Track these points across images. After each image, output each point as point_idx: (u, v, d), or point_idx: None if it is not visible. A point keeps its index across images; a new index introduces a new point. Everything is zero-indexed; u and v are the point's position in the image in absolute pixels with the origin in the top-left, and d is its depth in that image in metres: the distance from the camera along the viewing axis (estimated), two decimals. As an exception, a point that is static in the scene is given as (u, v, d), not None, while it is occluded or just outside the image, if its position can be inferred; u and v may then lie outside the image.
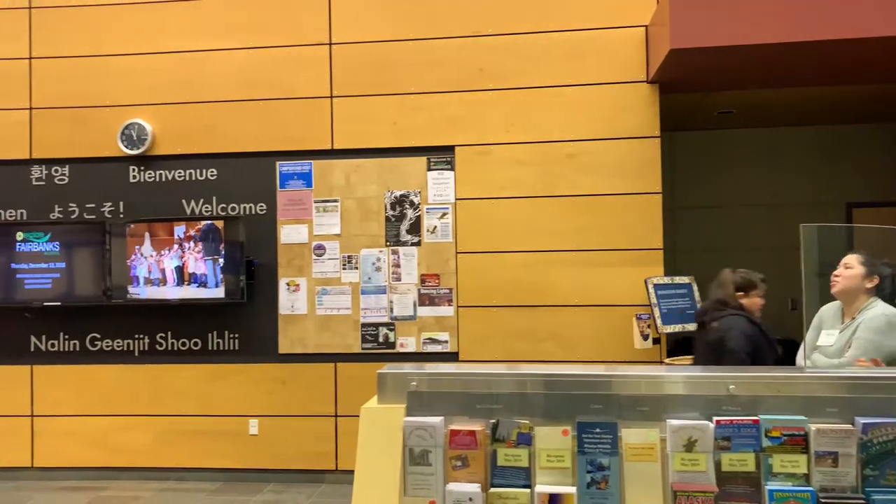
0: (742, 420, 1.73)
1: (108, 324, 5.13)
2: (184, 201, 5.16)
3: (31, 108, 5.18)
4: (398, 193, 5.09)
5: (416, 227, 5.06)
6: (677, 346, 5.08)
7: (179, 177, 5.17)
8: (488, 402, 1.86)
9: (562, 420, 1.81)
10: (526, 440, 1.79)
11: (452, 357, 4.93)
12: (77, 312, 5.10)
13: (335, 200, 5.13)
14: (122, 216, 5.15)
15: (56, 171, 5.20)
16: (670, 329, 4.60)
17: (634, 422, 1.78)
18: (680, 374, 1.94)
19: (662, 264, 4.78)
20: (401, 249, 5.08)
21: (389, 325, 5.05)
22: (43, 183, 5.20)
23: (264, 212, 5.14)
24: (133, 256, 4.98)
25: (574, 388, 1.85)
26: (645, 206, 4.78)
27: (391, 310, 5.06)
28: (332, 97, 5.11)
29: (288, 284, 5.10)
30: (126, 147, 5.12)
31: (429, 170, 5.08)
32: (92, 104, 5.17)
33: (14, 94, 5.17)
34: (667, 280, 4.70)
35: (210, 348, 5.08)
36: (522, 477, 1.78)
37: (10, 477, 5.09)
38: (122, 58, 5.18)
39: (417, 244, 5.06)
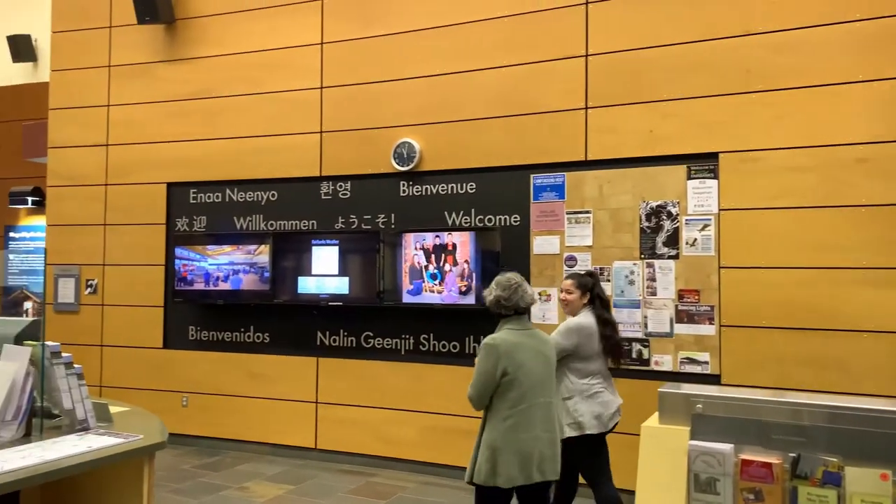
0: None
1: (379, 324, 5.65)
2: (446, 213, 5.51)
3: (321, 132, 5.92)
4: (654, 204, 4.91)
5: (673, 240, 4.84)
6: None
7: (442, 190, 5.53)
8: (786, 433, 1.70)
9: (878, 462, 1.59)
10: (834, 480, 1.61)
11: (714, 380, 4.62)
12: (354, 312, 5.69)
13: (587, 212, 5.11)
14: (393, 226, 5.65)
15: (340, 186, 5.87)
16: None
17: (979, 474, 1.51)
18: None
19: (983, 287, 4.02)
20: (656, 262, 4.89)
21: (643, 341, 4.89)
22: (330, 197, 5.90)
23: (518, 223, 5.29)
24: (402, 263, 5.44)
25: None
26: (960, 217, 4.05)
27: (645, 325, 4.89)
28: (586, 108, 5.10)
29: (539, 294, 5.18)
30: (398, 164, 5.61)
31: (688, 179, 4.84)
32: (370, 126, 5.75)
33: (309, 120, 5.94)
34: None
35: (467, 352, 5.34)
36: (830, 520, 1.60)
37: (298, 455, 5.83)
38: (395, 83, 5.68)
39: (675, 257, 4.84)
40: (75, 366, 2.93)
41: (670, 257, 4.85)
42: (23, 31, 10.18)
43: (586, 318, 3.85)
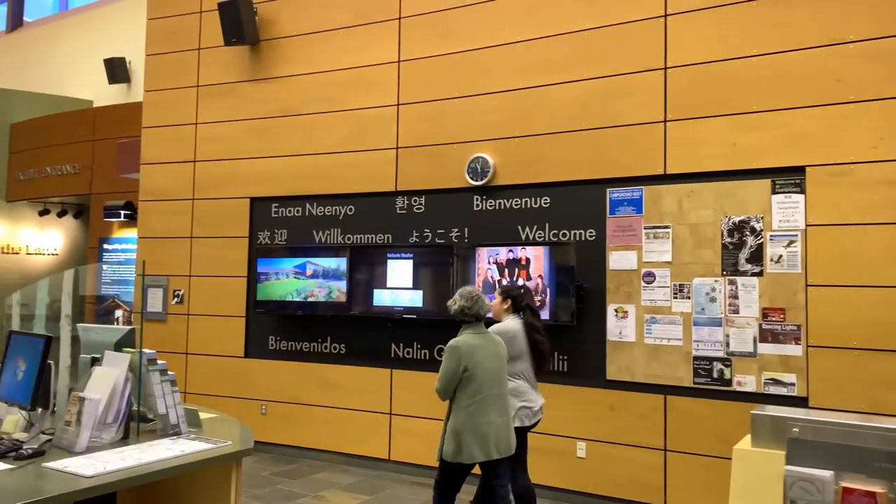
0: None
1: (453, 337, 5.66)
2: (519, 227, 5.50)
3: (397, 148, 6.03)
4: (736, 219, 4.77)
5: (757, 256, 4.69)
6: None
7: (516, 205, 5.54)
8: (888, 461, 1.62)
9: None
10: (946, 513, 1.52)
11: (801, 402, 4.42)
12: (428, 325, 5.74)
13: (666, 227, 5.00)
14: (466, 241, 5.69)
15: (415, 201, 5.96)
16: None
17: None
18: None
19: None
20: (739, 279, 4.74)
21: (725, 361, 4.74)
22: (405, 212, 6.00)
23: (593, 238, 5.23)
24: (475, 277, 5.46)
25: None
26: None
27: (727, 344, 4.74)
28: (665, 122, 5.02)
29: (616, 311, 5.10)
30: (471, 179, 5.66)
31: (773, 193, 4.68)
32: (444, 142, 5.82)
33: (385, 136, 6.07)
34: None
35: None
36: (941, 557, 1.51)
37: (372, 466, 5.90)
38: (468, 99, 5.74)
39: (759, 274, 4.68)
40: (169, 373, 3.08)
41: (754, 274, 4.69)
42: (118, 54, 10.84)
43: (510, 323, 4.22)
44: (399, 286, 5.76)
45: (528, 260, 5.27)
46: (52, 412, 3.24)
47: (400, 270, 5.77)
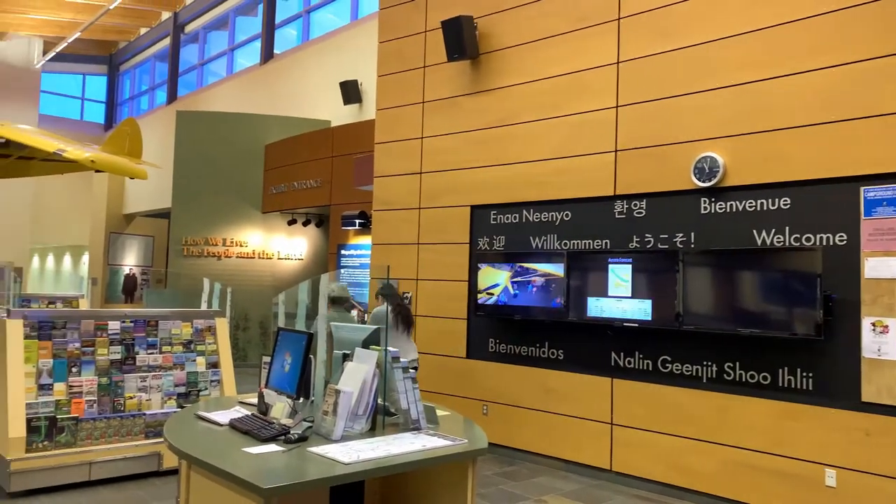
0: None
1: (678, 348, 5.42)
2: (754, 231, 5.10)
3: (615, 151, 5.91)
4: None
5: None
6: None
7: (750, 207, 5.15)
8: None
9: None
10: None
11: None
12: (650, 334, 5.54)
13: (938, 229, 4.34)
14: (692, 246, 5.40)
15: (635, 204, 5.79)
16: None
17: None
18: None
19: None
20: None
21: None
22: (624, 216, 5.85)
23: (844, 242, 4.69)
24: (704, 285, 5.15)
25: None
26: None
27: None
28: (935, 107, 4.36)
29: (873, 325, 4.52)
30: (698, 180, 5.36)
31: None
32: (666, 142, 5.58)
33: (603, 139, 5.97)
34: None
35: (780, 384, 4.86)
36: None
37: (592, 475, 5.82)
38: (693, 96, 5.45)
39: None
40: (410, 370, 3.31)
41: None
42: (350, 77, 11.90)
43: (377, 310, 6.15)
44: (619, 293, 5.62)
45: (764, 266, 4.85)
46: (311, 402, 3.63)
47: (619, 277, 5.63)
